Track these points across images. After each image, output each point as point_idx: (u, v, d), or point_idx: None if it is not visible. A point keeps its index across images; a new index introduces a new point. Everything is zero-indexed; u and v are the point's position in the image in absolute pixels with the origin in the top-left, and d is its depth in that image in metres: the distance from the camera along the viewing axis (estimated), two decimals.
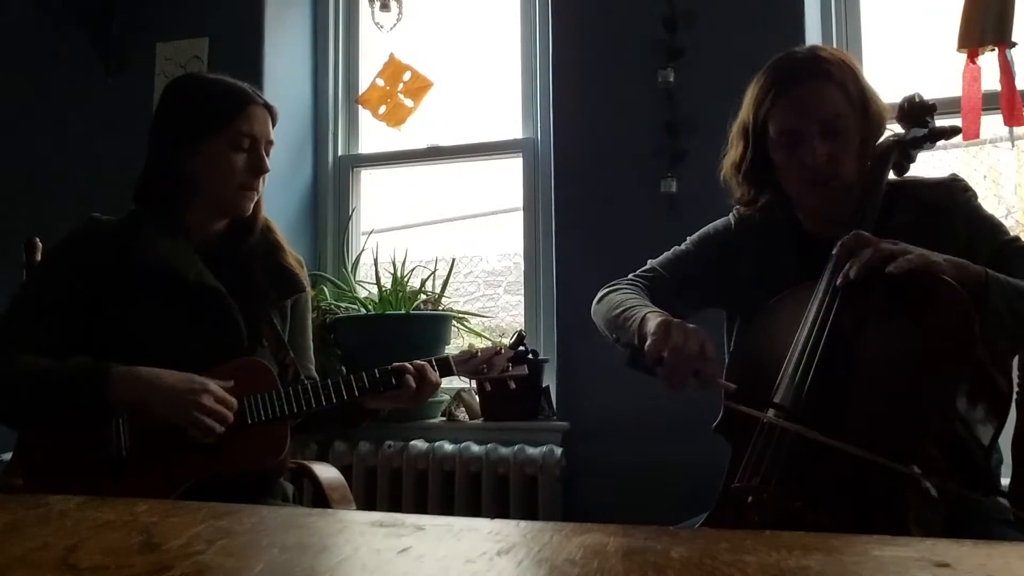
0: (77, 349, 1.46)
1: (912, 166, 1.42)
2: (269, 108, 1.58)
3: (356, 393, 1.51)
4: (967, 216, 1.34)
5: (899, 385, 1.12)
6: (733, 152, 1.45)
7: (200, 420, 1.38)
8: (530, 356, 1.64)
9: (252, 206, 1.58)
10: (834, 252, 1.23)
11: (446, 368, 1.58)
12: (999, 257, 1.28)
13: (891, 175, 1.39)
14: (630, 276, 1.52)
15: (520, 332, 1.64)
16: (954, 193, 1.36)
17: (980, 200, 1.38)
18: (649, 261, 1.55)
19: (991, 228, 1.34)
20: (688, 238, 1.56)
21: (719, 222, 1.55)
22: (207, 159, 1.52)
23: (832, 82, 1.33)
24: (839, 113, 1.32)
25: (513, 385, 1.65)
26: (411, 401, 1.56)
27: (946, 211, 1.34)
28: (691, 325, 1.22)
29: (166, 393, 1.39)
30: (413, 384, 1.52)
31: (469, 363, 1.60)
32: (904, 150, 1.39)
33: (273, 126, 1.58)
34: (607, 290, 1.50)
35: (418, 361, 1.55)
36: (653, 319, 1.26)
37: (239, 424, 1.44)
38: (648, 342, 1.21)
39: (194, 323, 1.50)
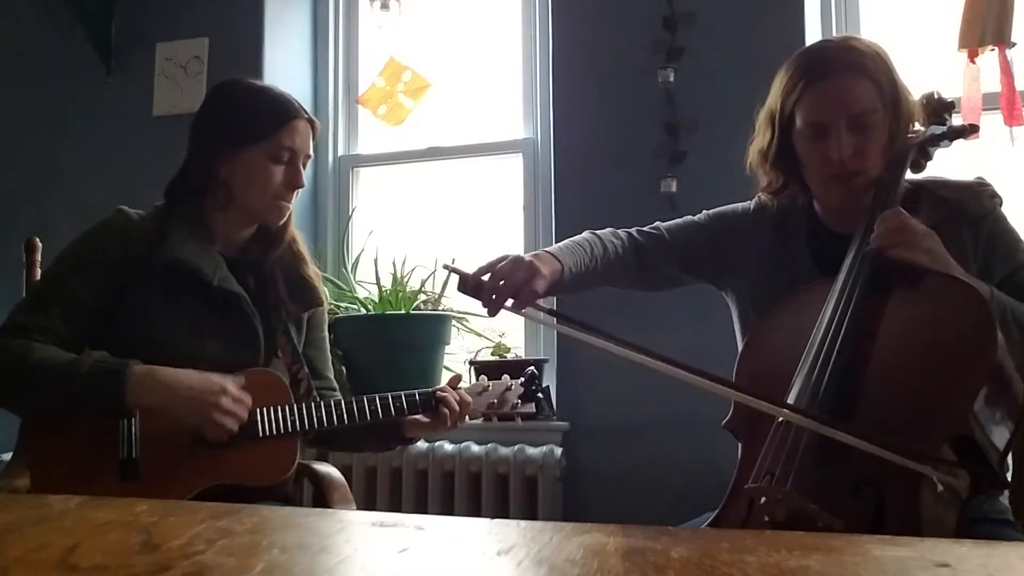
0: (96, 340, 1.46)
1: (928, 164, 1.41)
2: (312, 123, 1.57)
3: (368, 416, 1.51)
4: (992, 226, 1.33)
5: (918, 388, 1.11)
6: (760, 139, 1.42)
7: (216, 419, 1.38)
8: (540, 395, 1.65)
9: (284, 216, 1.58)
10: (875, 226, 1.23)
11: None
12: (1017, 274, 1.30)
13: (908, 173, 1.38)
14: (632, 228, 1.50)
15: (532, 370, 1.64)
16: (982, 199, 1.34)
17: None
18: (657, 222, 1.53)
19: (1011, 245, 1.33)
20: (704, 211, 1.54)
21: (738, 205, 1.52)
22: (244, 168, 1.52)
23: (864, 75, 1.29)
24: (869, 109, 1.29)
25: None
26: (449, 428, 1.57)
27: (973, 218, 1.32)
28: (527, 259, 1.25)
29: (184, 394, 1.38)
30: (455, 406, 1.54)
31: (481, 397, 1.61)
32: (922, 148, 1.38)
33: (314, 139, 1.58)
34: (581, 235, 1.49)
35: (439, 391, 1.56)
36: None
37: (250, 436, 1.44)
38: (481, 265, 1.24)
39: (213, 325, 1.50)
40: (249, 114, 1.53)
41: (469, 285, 1.24)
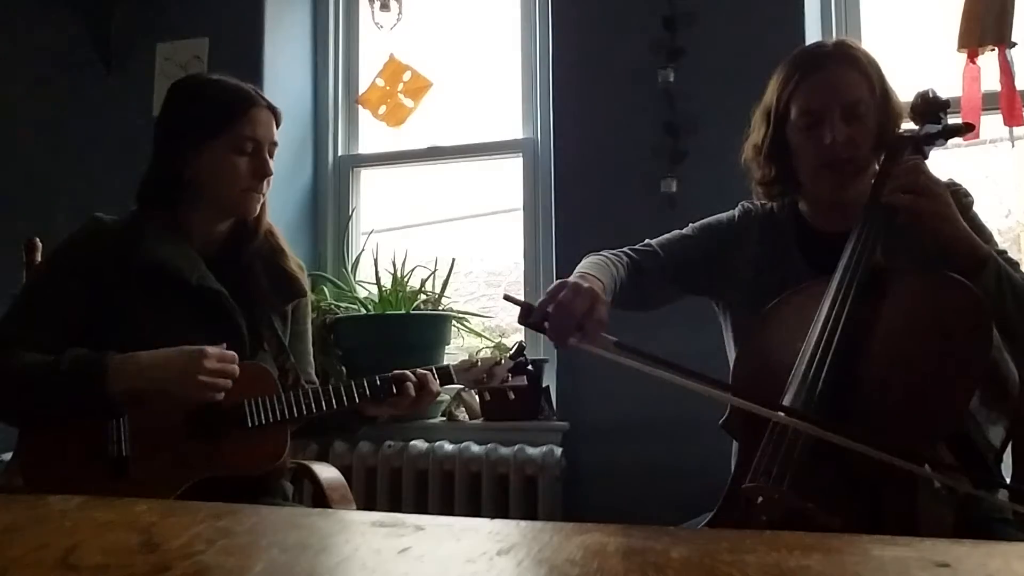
0: (83, 347, 1.45)
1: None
2: (273, 109, 1.57)
3: (357, 399, 1.52)
4: (970, 223, 1.33)
5: (913, 386, 1.12)
6: (755, 135, 1.48)
7: (203, 381, 1.38)
8: (530, 368, 1.65)
9: (258, 207, 1.57)
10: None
11: (447, 377, 1.60)
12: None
13: None
14: (624, 248, 1.51)
15: (520, 343, 1.65)
16: (959, 198, 1.36)
17: (977, 204, 1.41)
18: (647, 239, 1.55)
19: (987, 239, 1.35)
20: (691, 224, 1.57)
21: (723, 215, 1.56)
22: (209, 164, 1.52)
23: (856, 69, 1.37)
24: (860, 99, 1.36)
25: (512, 396, 1.68)
26: (409, 409, 1.57)
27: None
28: (586, 285, 1.21)
29: (164, 365, 1.38)
30: (412, 393, 1.53)
31: (470, 372, 1.61)
32: (918, 146, 1.39)
33: (277, 127, 1.58)
34: (586, 257, 1.48)
35: (420, 370, 1.56)
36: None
37: (240, 427, 1.44)
38: (540, 298, 1.22)
39: (196, 325, 1.50)
40: (206, 109, 1.53)
41: (532, 318, 1.20)
